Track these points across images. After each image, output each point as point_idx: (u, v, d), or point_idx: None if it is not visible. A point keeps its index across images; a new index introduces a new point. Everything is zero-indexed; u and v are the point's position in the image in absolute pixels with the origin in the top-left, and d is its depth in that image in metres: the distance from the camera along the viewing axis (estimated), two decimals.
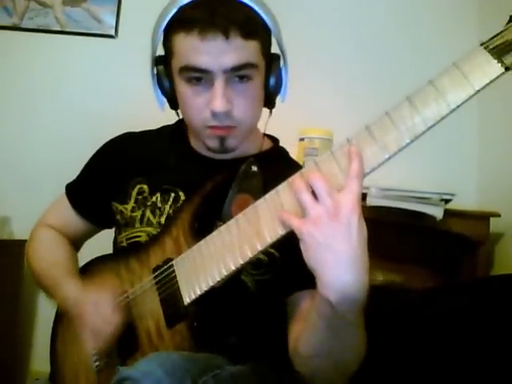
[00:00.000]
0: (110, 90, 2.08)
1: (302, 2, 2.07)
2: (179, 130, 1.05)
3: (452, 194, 1.61)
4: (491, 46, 0.67)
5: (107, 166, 1.06)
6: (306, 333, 0.80)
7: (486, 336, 1.11)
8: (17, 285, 1.85)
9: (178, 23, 0.85)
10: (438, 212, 1.58)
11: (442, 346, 1.15)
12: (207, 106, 0.87)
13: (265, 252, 0.89)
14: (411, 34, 2.06)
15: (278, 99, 0.96)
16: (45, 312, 1.99)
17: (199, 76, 0.86)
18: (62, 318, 1.03)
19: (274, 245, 0.77)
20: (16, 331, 1.86)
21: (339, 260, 0.67)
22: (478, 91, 0.67)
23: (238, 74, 0.85)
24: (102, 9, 2.11)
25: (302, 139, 1.83)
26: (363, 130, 0.71)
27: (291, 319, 0.90)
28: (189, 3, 0.85)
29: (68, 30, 2.11)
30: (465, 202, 1.76)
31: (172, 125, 1.07)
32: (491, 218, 1.68)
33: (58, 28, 2.11)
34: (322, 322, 0.74)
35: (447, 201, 1.62)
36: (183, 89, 0.89)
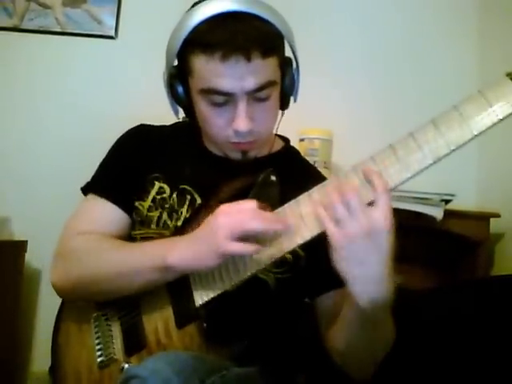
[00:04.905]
0: (110, 90, 2.08)
1: (303, 2, 2.07)
2: (192, 128, 1.04)
3: (452, 195, 1.61)
4: None
5: (127, 159, 1.03)
6: (340, 332, 0.87)
7: (486, 336, 1.11)
8: (17, 285, 1.85)
9: (198, 45, 0.85)
10: (437, 212, 1.58)
11: (443, 346, 1.15)
12: (229, 124, 0.89)
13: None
14: (412, 36, 2.06)
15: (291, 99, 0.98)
16: (45, 312, 1.99)
17: (222, 98, 0.87)
18: (66, 311, 1.01)
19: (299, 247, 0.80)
20: (16, 331, 1.85)
21: (371, 275, 0.72)
22: (502, 120, 0.69)
23: (259, 94, 0.87)
24: (102, 10, 2.11)
25: (301, 140, 1.83)
26: (387, 148, 0.73)
27: (324, 319, 0.95)
28: (204, 22, 0.85)
29: (68, 30, 2.11)
30: (465, 202, 1.76)
31: (185, 122, 1.05)
32: (491, 219, 1.68)
33: (58, 29, 2.11)
34: (353, 322, 0.81)
35: (447, 201, 1.62)
36: (204, 108, 0.90)
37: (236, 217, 0.78)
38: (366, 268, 0.71)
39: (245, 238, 0.78)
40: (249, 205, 0.80)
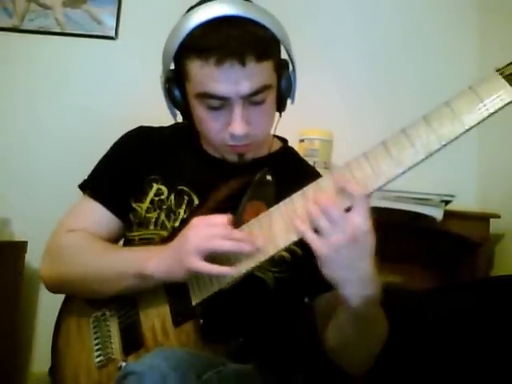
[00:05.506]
0: (110, 91, 2.08)
1: (303, 3, 2.07)
2: (190, 130, 1.04)
3: (452, 196, 1.62)
4: (506, 73, 0.70)
5: (126, 161, 1.03)
6: (335, 331, 0.89)
7: (486, 336, 1.11)
8: (17, 286, 1.85)
9: (193, 50, 0.86)
10: (437, 213, 1.58)
11: (443, 347, 1.15)
12: (226, 128, 0.90)
13: (287, 249, 0.91)
14: (412, 36, 2.06)
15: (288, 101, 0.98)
16: (45, 313, 1.99)
17: (217, 102, 0.88)
18: (66, 312, 1.02)
19: (294, 244, 0.81)
20: (16, 332, 1.86)
21: (358, 278, 0.74)
22: (492, 114, 0.70)
23: (255, 98, 0.88)
24: (102, 10, 2.11)
25: (302, 140, 1.83)
26: (379, 144, 0.75)
27: (321, 319, 0.96)
28: (199, 27, 0.85)
29: (68, 31, 2.11)
30: (464, 203, 1.76)
31: (184, 124, 1.04)
32: (491, 219, 1.68)
33: (58, 29, 2.11)
34: (346, 321, 0.83)
35: (447, 202, 1.62)
36: (200, 112, 0.91)
37: (205, 232, 0.81)
38: (353, 271, 0.74)
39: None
40: (219, 220, 0.82)
